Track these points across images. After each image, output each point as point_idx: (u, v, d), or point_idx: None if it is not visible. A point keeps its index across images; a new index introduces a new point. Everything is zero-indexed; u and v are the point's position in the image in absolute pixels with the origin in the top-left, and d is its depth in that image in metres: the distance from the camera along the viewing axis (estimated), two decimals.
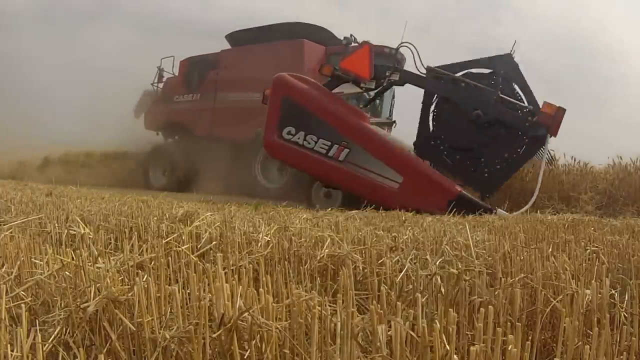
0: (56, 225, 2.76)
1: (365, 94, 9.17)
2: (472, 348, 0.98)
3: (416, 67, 7.41)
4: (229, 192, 9.93)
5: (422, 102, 7.50)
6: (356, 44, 10.66)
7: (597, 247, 2.74)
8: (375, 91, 8.09)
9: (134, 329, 1.32)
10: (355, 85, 7.71)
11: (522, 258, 2.07)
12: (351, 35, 10.86)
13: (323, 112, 7.18)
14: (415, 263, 1.95)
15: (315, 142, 7.12)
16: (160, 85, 13.81)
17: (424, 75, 7.41)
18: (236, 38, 12.58)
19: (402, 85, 7.76)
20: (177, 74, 13.47)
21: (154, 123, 13.74)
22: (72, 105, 16.99)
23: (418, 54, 7.37)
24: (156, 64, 13.97)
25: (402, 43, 7.52)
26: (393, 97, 11.80)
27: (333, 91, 7.64)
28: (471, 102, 7.03)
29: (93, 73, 18.15)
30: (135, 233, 2.62)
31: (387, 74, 7.53)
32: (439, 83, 7.35)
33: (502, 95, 6.94)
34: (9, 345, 1.13)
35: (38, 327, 1.28)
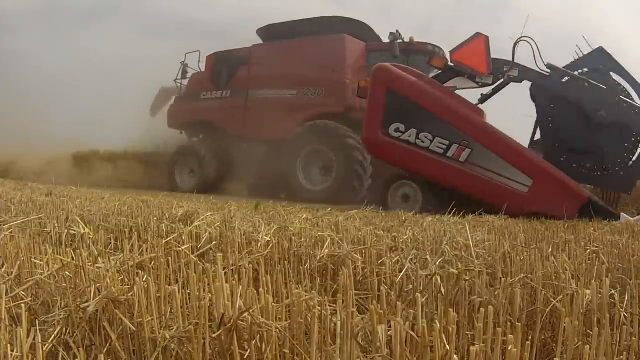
0: (56, 225, 2.76)
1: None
2: (472, 348, 0.98)
3: (536, 64, 6.86)
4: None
5: (537, 102, 6.93)
6: (400, 40, 10.09)
7: (597, 247, 2.74)
8: (492, 87, 7.27)
9: (134, 329, 1.32)
10: (470, 80, 7.05)
11: (522, 258, 2.07)
12: (397, 31, 10.17)
13: (439, 108, 6.47)
14: (415, 263, 1.95)
15: (431, 141, 6.44)
16: (185, 81, 12.96)
17: (545, 73, 6.85)
18: (269, 32, 11.80)
19: (520, 82, 7.09)
20: (203, 70, 12.62)
21: (178, 121, 12.88)
22: (87, 106, 16.57)
23: (538, 50, 6.79)
24: (161, 62, 13.64)
25: (521, 37, 6.83)
26: None
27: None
28: (594, 103, 6.51)
29: (99, 73, 17.85)
30: (135, 233, 2.62)
31: (504, 69, 6.93)
32: (560, 82, 6.78)
33: (623, 97, 6.53)
34: (9, 345, 1.13)
35: (38, 327, 1.27)
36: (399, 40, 10.11)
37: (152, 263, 1.83)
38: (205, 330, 1.18)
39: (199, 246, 2.34)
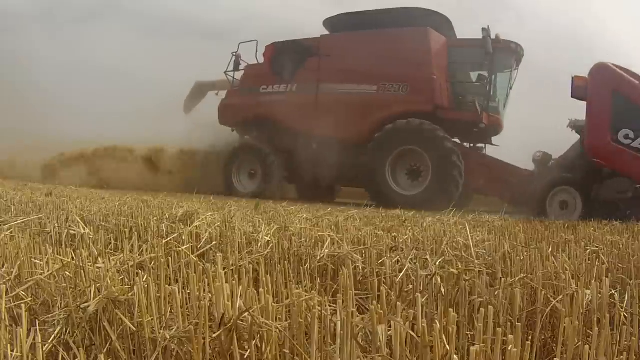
0: (56, 225, 2.76)
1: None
2: (472, 348, 0.98)
3: None
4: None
5: None
6: (490, 37, 9.39)
7: (597, 247, 2.74)
8: None
9: (134, 329, 1.32)
10: None
11: (522, 258, 2.07)
12: (488, 26, 9.50)
13: None
14: (415, 263, 1.95)
15: None
16: (235, 74, 11.72)
17: None
18: (340, 23, 10.73)
19: None
20: (260, 61, 11.42)
21: (233, 117, 11.57)
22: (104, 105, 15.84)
23: None
24: (162, 61, 13.06)
25: None
26: (510, 87, 10.34)
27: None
28: None
29: (106, 72, 17.25)
30: (135, 233, 2.62)
31: None
32: None
33: None
34: (9, 345, 1.13)
35: (38, 327, 1.28)
36: (490, 37, 9.43)
37: (152, 263, 1.83)
38: (205, 330, 1.18)
39: (199, 246, 2.34)
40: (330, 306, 1.27)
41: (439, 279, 1.70)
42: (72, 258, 1.61)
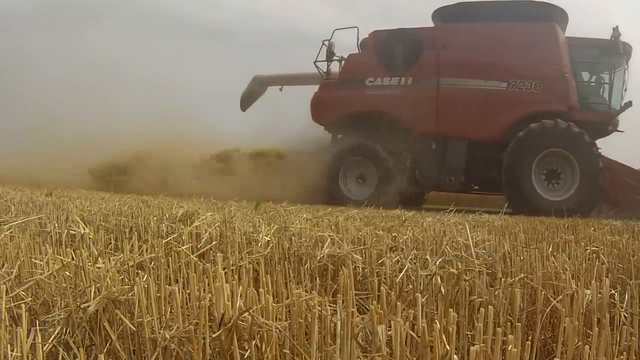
0: (56, 225, 2.76)
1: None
2: (472, 348, 0.98)
3: None
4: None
5: None
6: (620, 37, 9.02)
7: (597, 247, 2.74)
8: None
9: (134, 329, 1.32)
10: None
11: (522, 258, 2.07)
12: (617, 26, 9.04)
13: None
14: (415, 263, 1.95)
15: None
16: (324, 64, 10.54)
17: None
18: (453, 14, 9.85)
19: None
20: (361, 51, 10.41)
21: (331, 114, 10.18)
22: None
23: None
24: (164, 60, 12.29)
25: None
26: (625, 88, 9.63)
27: None
28: None
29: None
30: (135, 233, 2.62)
31: None
32: None
33: None
34: (9, 345, 1.13)
35: (38, 327, 1.27)
36: (615, 37, 9.12)
37: (152, 263, 1.83)
38: (205, 330, 1.18)
39: (199, 246, 2.34)
40: (330, 306, 1.27)
41: (439, 279, 1.70)
42: (72, 258, 1.61)
